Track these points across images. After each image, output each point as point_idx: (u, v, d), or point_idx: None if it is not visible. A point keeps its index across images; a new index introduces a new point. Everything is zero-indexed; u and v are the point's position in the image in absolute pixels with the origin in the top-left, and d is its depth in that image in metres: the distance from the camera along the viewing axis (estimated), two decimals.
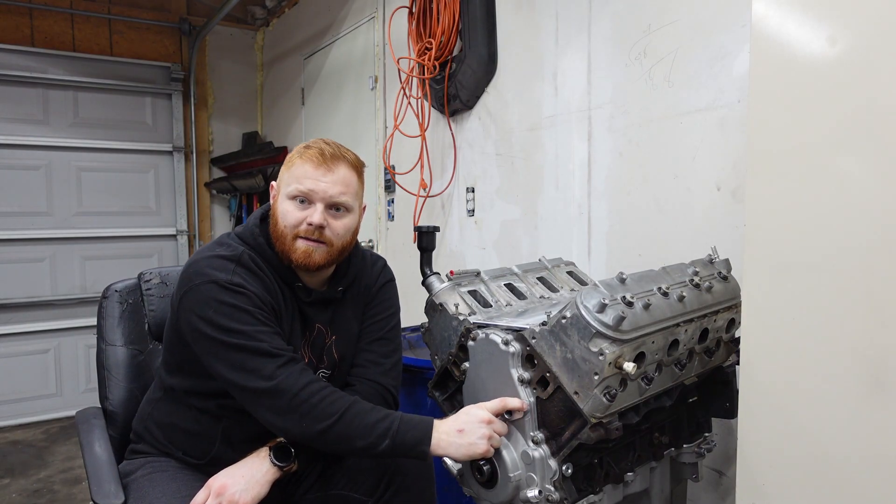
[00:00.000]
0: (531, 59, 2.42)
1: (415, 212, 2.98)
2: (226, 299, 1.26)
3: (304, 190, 1.33)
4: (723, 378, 1.55)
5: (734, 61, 1.75)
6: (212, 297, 1.26)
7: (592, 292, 1.21)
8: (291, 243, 1.34)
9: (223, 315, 1.25)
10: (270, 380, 1.22)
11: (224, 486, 1.25)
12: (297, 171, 1.35)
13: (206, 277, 1.28)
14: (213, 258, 1.32)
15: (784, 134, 1.15)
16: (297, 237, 1.34)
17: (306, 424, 1.22)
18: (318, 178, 1.33)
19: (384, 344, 1.56)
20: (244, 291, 1.28)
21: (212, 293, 1.27)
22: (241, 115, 4.88)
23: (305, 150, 1.37)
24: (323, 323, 1.46)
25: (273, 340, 1.26)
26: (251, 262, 1.34)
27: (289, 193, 1.35)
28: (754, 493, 1.22)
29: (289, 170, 1.37)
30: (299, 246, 1.34)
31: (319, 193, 1.34)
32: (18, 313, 4.06)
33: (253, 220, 1.44)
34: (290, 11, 4.43)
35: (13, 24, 4.01)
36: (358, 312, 1.53)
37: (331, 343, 1.48)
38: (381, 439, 1.22)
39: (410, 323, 2.28)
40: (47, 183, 4.12)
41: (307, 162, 1.34)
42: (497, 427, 1.27)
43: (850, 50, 1.06)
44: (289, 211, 1.34)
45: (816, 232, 1.11)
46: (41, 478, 3.21)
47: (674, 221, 1.93)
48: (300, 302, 1.41)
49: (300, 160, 1.36)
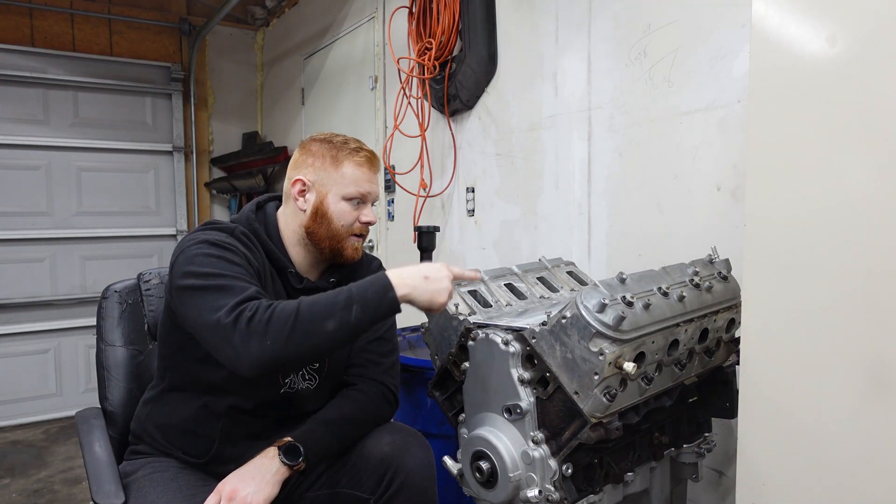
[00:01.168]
0: (531, 59, 2.42)
1: (415, 212, 2.98)
2: (213, 252, 1.28)
3: (364, 192, 1.42)
4: (723, 378, 1.55)
5: (734, 61, 1.75)
6: (199, 252, 1.27)
7: (592, 292, 1.21)
8: (345, 241, 1.43)
9: (207, 265, 1.25)
10: (229, 313, 1.16)
11: (235, 489, 1.24)
12: (353, 174, 1.41)
13: (198, 239, 1.30)
14: (209, 229, 1.36)
15: (784, 134, 1.15)
16: (351, 235, 1.43)
17: (272, 340, 1.13)
18: (372, 181, 1.44)
19: (382, 344, 1.57)
20: (232, 248, 1.30)
21: (200, 249, 1.28)
22: (241, 115, 4.88)
23: (356, 153, 1.43)
24: None
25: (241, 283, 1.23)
26: (244, 237, 1.37)
27: (346, 195, 1.41)
28: (754, 493, 1.22)
29: (338, 170, 1.41)
30: (351, 243, 1.44)
31: (373, 195, 1.45)
32: (18, 313, 4.06)
33: (249, 206, 1.48)
34: (290, 11, 4.43)
35: (13, 24, 4.01)
36: None
37: None
38: (348, 310, 1.16)
39: (410, 323, 2.28)
40: (47, 183, 4.12)
41: (363, 165, 1.42)
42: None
43: (850, 50, 1.06)
44: (346, 211, 1.42)
45: (816, 232, 1.11)
46: (41, 478, 3.21)
47: (674, 221, 1.93)
48: (289, 288, 1.44)
49: (352, 162, 1.42)
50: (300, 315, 1.15)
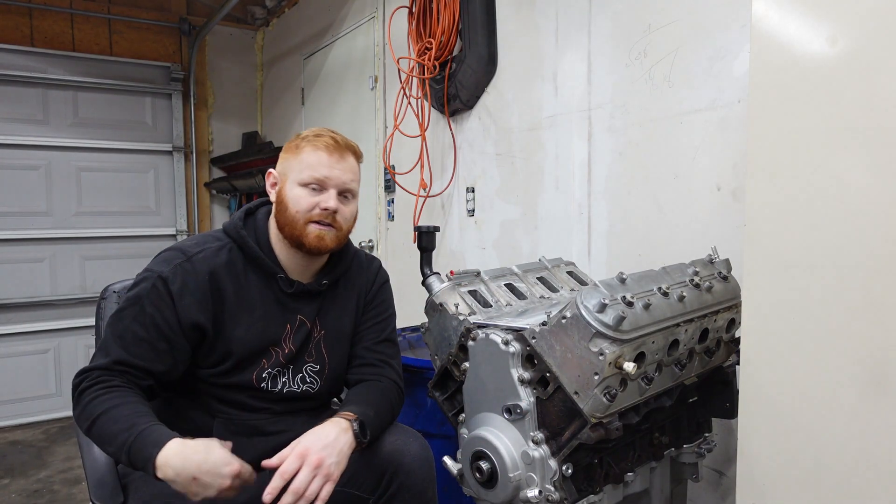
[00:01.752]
0: (531, 59, 2.42)
1: (415, 212, 2.98)
2: (141, 287, 1.33)
3: (319, 177, 1.38)
4: (723, 378, 1.55)
5: (734, 61, 1.75)
6: (139, 279, 1.36)
7: (592, 292, 1.21)
8: (303, 228, 1.38)
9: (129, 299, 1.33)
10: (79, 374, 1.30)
11: (321, 458, 1.20)
12: (309, 159, 1.38)
13: (151, 265, 1.37)
14: (174, 249, 1.39)
15: (784, 134, 1.15)
16: (310, 222, 1.38)
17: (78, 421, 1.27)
18: (332, 166, 1.39)
19: (390, 346, 1.59)
20: (159, 291, 1.32)
21: (143, 276, 1.36)
22: (241, 115, 4.87)
23: (316, 139, 1.40)
24: (307, 316, 1.47)
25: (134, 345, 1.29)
26: (201, 264, 1.36)
27: (301, 181, 1.38)
28: (754, 493, 1.22)
29: (297, 157, 1.40)
30: (311, 230, 1.38)
31: (334, 180, 1.39)
32: (18, 313, 4.05)
33: (238, 214, 1.48)
34: (290, 11, 4.43)
35: (13, 24, 4.01)
36: (350, 310, 1.54)
37: (319, 338, 1.49)
38: (121, 450, 1.18)
39: (410, 323, 2.28)
40: (47, 183, 4.12)
41: (320, 150, 1.39)
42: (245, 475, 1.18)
43: (850, 50, 1.06)
44: (301, 196, 1.38)
45: (816, 232, 1.10)
46: (41, 478, 3.21)
47: (674, 221, 1.93)
48: (280, 293, 1.43)
49: (311, 147, 1.39)
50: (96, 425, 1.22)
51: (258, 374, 1.41)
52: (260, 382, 1.41)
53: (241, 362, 1.39)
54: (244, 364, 1.40)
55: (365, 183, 3.68)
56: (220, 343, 1.37)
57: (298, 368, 1.47)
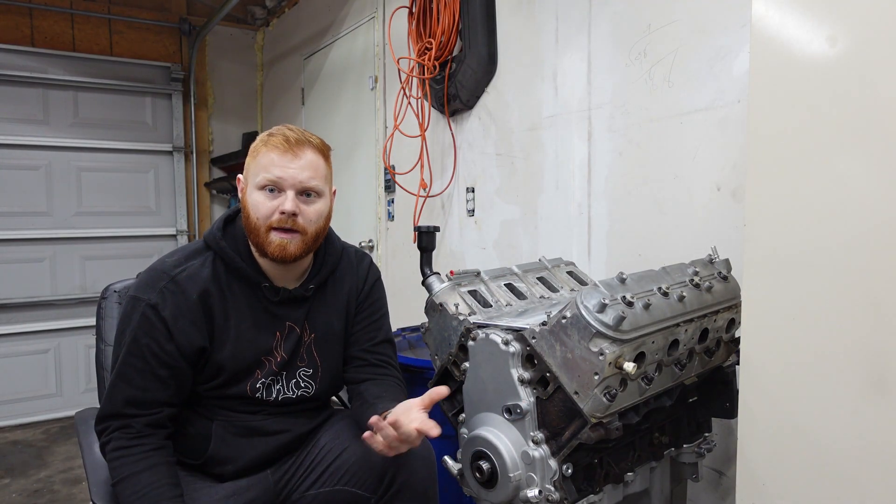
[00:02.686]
0: (531, 59, 2.42)
1: (415, 212, 2.98)
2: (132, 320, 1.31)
3: (272, 178, 1.30)
4: (723, 378, 1.55)
5: (734, 61, 1.75)
6: (126, 312, 1.33)
7: (592, 292, 1.21)
8: (265, 236, 1.32)
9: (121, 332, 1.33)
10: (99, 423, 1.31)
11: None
12: (263, 160, 1.31)
13: (135, 290, 1.34)
14: (155, 270, 1.36)
15: (784, 134, 1.15)
16: (271, 229, 1.31)
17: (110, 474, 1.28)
18: (285, 165, 1.30)
19: (388, 346, 1.57)
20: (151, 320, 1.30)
21: (129, 307, 1.33)
22: (241, 115, 4.87)
23: (269, 138, 1.33)
24: (296, 321, 1.44)
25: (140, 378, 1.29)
26: (186, 282, 1.33)
27: (257, 184, 1.31)
28: (754, 493, 1.22)
29: (254, 159, 1.33)
30: (273, 239, 1.31)
31: (289, 180, 1.30)
32: (18, 313, 4.05)
33: (217, 223, 1.42)
34: (290, 11, 4.43)
35: (13, 24, 4.01)
36: (341, 310, 1.51)
37: (310, 341, 1.46)
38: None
39: (410, 323, 2.28)
40: (47, 183, 4.12)
41: (272, 149, 1.31)
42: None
43: (850, 50, 1.06)
44: (259, 202, 1.31)
45: (816, 232, 1.11)
46: (41, 478, 3.21)
47: (674, 221, 1.93)
48: (266, 302, 1.40)
49: (265, 148, 1.32)
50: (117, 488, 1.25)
51: (252, 385, 1.39)
52: (254, 392, 1.40)
53: (234, 375, 1.37)
54: (238, 377, 1.38)
55: (365, 183, 3.70)
56: (213, 359, 1.35)
57: (292, 374, 1.45)
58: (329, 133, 3.86)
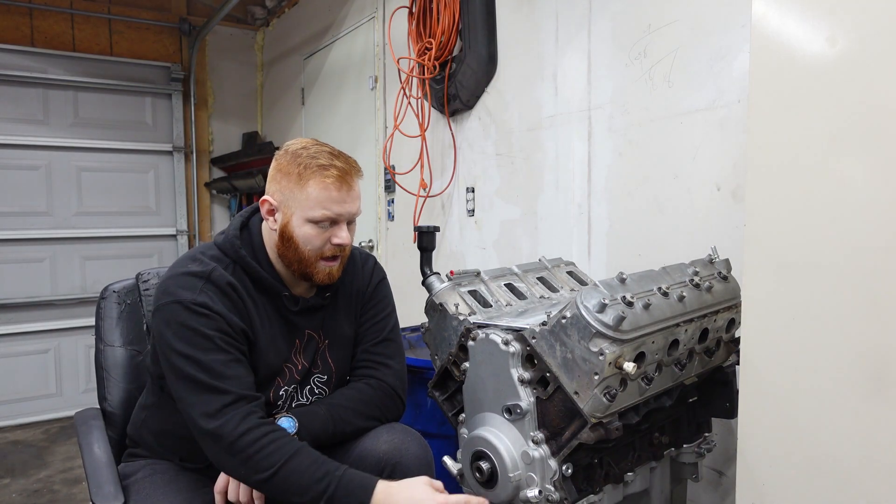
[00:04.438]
0: (531, 59, 2.42)
1: (415, 212, 2.98)
2: (187, 322, 1.24)
3: (331, 215, 1.29)
4: (723, 378, 1.55)
5: (734, 61, 1.75)
6: (173, 319, 1.25)
7: (592, 292, 1.21)
8: (314, 265, 1.33)
9: (181, 339, 1.23)
10: (212, 420, 1.19)
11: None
12: (318, 195, 1.28)
13: (171, 297, 1.26)
14: (182, 276, 1.29)
15: (784, 134, 1.15)
16: (321, 259, 1.33)
17: (245, 472, 1.20)
18: (344, 201, 1.30)
19: (388, 345, 1.54)
20: (207, 313, 1.25)
21: (174, 314, 1.25)
22: (241, 115, 4.87)
23: (323, 171, 1.28)
24: (313, 328, 1.44)
25: (228, 370, 1.23)
26: (221, 280, 1.29)
27: (311, 217, 1.29)
28: (754, 493, 1.22)
29: (302, 189, 1.28)
30: (322, 268, 1.33)
31: (346, 215, 1.32)
32: (18, 313, 4.05)
33: (233, 229, 1.38)
34: (290, 11, 4.43)
35: (13, 24, 4.01)
36: (351, 314, 1.51)
37: (324, 347, 1.46)
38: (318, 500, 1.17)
39: (410, 323, 2.29)
40: (47, 183, 4.12)
41: (328, 184, 1.28)
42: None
43: (850, 50, 1.06)
44: (312, 235, 1.30)
45: (816, 232, 1.10)
46: (41, 478, 3.21)
47: (674, 221, 1.93)
48: (285, 311, 1.39)
49: (318, 181, 1.28)
50: (276, 477, 1.17)
51: (275, 393, 1.38)
52: (277, 401, 1.39)
53: (262, 381, 1.35)
54: (264, 383, 1.36)
55: (365, 183, 3.68)
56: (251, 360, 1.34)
57: (306, 381, 1.44)
58: (329, 133, 3.86)
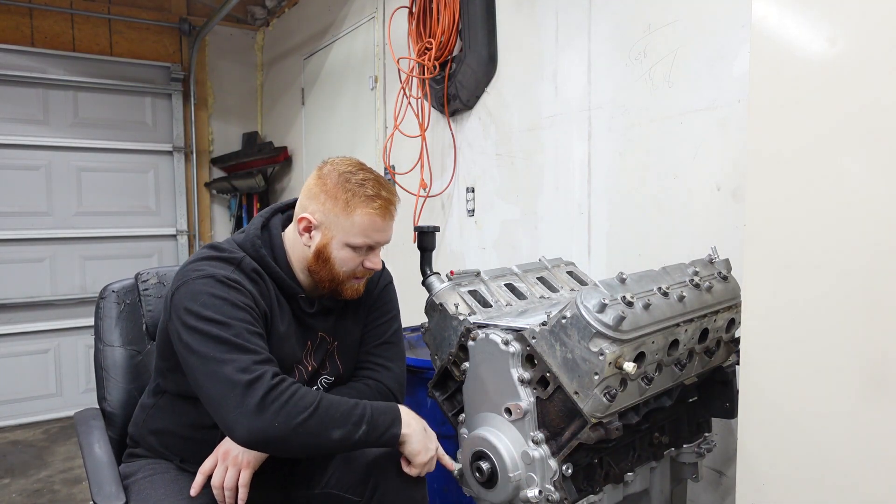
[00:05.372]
0: (531, 59, 2.42)
1: (415, 212, 2.98)
2: (219, 292, 1.23)
3: (371, 243, 1.35)
4: (723, 378, 1.55)
5: (734, 61, 1.75)
6: (205, 291, 1.23)
7: (592, 292, 1.21)
8: (344, 283, 1.38)
9: (211, 308, 1.21)
10: (247, 373, 1.15)
11: (227, 450, 1.30)
12: (363, 222, 1.31)
13: (204, 272, 1.26)
14: (214, 259, 1.30)
15: (784, 134, 1.15)
16: (352, 277, 1.38)
17: (280, 421, 1.14)
18: (385, 230, 1.36)
19: (389, 348, 1.55)
20: (240, 287, 1.26)
21: (206, 286, 1.23)
22: (241, 115, 4.87)
23: (370, 202, 1.31)
24: (325, 330, 1.46)
25: (254, 340, 1.22)
26: (249, 267, 1.32)
27: (352, 243, 1.33)
28: (754, 493, 1.22)
29: (348, 217, 1.31)
30: (351, 285, 1.39)
31: (383, 242, 1.38)
32: (18, 313, 4.05)
33: (253, 229, 1.40)
34: (290, 11, 4.43)
35: (13, 24, 4.01)
36: (359, 317, 1.53)
37: (333, 349, 1.48)
38: (357, 427, 1.21)
39: (410, 323, 2.28)
40: (47, 183, 4.12)
41: (377, 216, 1.33)
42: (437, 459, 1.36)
43: (850, 50, 1.06)
44: (348, 258, 1.34)
45: (817, 232, 1.10)
46: (41, 478, 3.21)
47: (674, 221, 1.93)
48: (300, 312, 1.41)
49: (365, 210, 1.31)
50: (317, 413, 1.19)
51: None
52: None
53: None
54: None
55: None
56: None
57: (314, 382, 1.46)
58: (329, 133, 3.86)
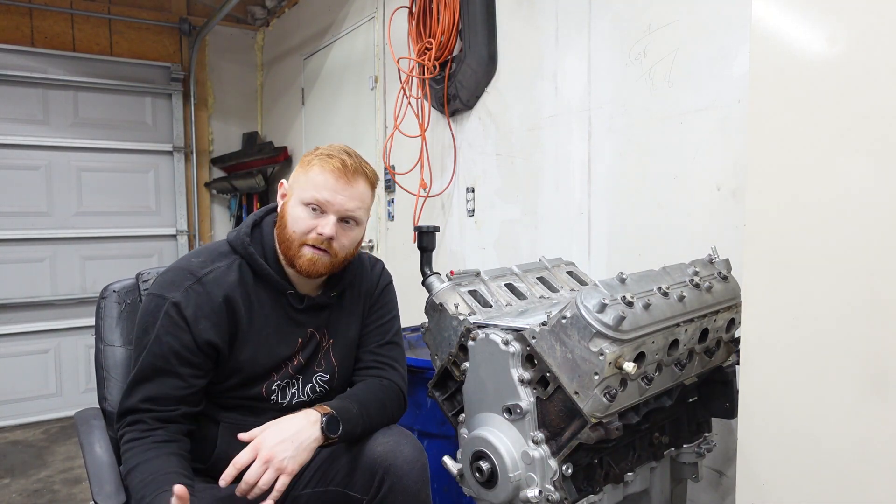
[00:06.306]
0: (531, 59, 2.42)
1: (415, 212, 2.98)
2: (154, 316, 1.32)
3: (320, 200, 1.33)
4: (723, 378, 1.55)
5: (734, 61, 1.75)
6: (147, 307, 1.34)
7: (592, 292, 1.21)
8: (298, 249, 1.35)
9: (142, 327, 1.33)
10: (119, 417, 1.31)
11: (273, 454, 1.22)
12: (316, 179, 1.34)
13: (156, 287, 1.35)
14: (179, 269, 1.37)
15: (784, 134, 1.15)
16: (305, 244, 1.35)
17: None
18: (336, 191, 1.33)
19: (393, 348, 1.56)
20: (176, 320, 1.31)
21: (148, 303, 1.34)
22: (241, 115, 4.88)
23: (328, 159, 1.35)
24: (317, 327, 1.46)
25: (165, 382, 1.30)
26: (214, 283, 1.34)
27: (304, 199, 1.34)
28: (754, 493, 1.22)
29: (306, 174, 1.35)
30: (305, 253, 1.35)
31: (335, 206, 1.34)
32: (18, 313, 4.05)
33: (245, 227, 1.43)
34: (290, 11, 4.43)
35: (13, 24, 4.01)
36: (357, 316, 1.53)
37: (328, 347, 1.48)
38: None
39: (410, 323, 2.28)
40: (47, 183, 4.12)
41: (328, 172, 1.33)
42: None
43: (850, 50, 1.06)
44: (301, 217, 1.34)
45: (816, 231, 1.10)
46: (41, 478, 3.21)
47: (674, 221, 1.93)
48: (290, 309, 1.42)
49: (321, 168, 1.34)
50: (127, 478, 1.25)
51: (267, 387, 1.40)
52: (270, 395, 1.41)
53: (251, 378, 1.38)
54: (254, 380, 1.39)
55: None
56: (232, 362, 1.36)
57: (308, 378, 1.46)
58: (329, 133, 3.86)
